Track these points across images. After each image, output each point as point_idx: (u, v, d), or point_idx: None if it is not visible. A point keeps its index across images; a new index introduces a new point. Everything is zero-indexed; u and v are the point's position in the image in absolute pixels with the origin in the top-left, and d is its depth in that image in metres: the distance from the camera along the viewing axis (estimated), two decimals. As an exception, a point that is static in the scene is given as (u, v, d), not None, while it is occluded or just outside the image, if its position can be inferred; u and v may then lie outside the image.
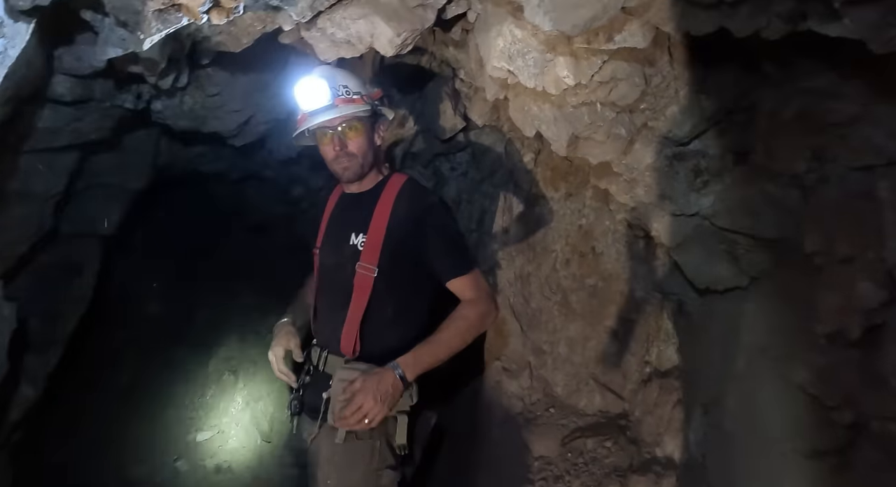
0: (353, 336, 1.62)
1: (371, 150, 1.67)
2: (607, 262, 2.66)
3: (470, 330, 1.61)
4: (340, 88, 1.59)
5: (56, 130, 1.81)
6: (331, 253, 1.72)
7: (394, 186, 1.67)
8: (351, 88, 1.60)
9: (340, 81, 1.60)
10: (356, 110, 1.59)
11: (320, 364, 1.68)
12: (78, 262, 2.66)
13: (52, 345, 2.58)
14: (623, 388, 2.59)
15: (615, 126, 1.43)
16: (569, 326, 2.79)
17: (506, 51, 1.34)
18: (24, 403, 2.43)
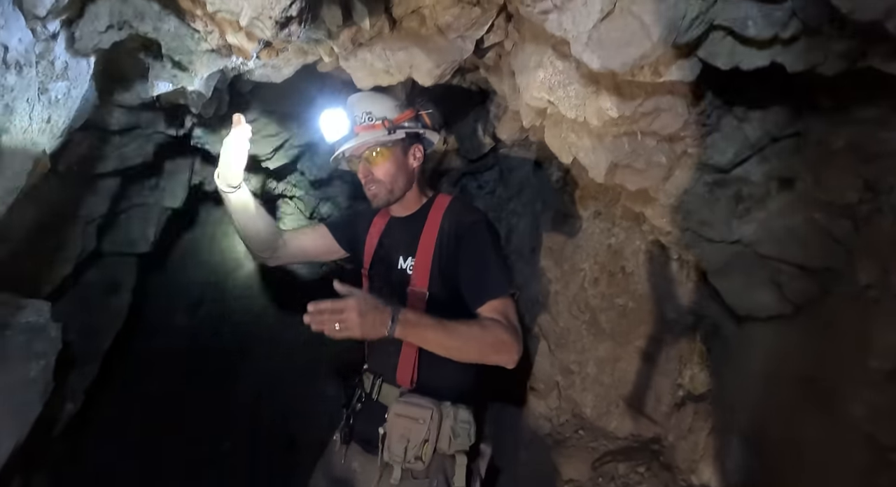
0: (410, 365, 1.56)
1: (402, 174, 1.63)
2: (637, 282, 2.63)
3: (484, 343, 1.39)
4: (363, 116, 1.58)
5: (103, 157, 1.87)
6: (381, 277, 1.70)
7: (440, 207, 1.64)
8: (375, 114, 1.58)
9: (364, 108, 1.59)
10: (375, 137, 1.56)
11: (374, 392, 1.63)
12: (115, 280, 2.72)
13: (90, 361, 2.64)
14: (655, 412, 2.55)
15: (655, 154, 1.43)
16: (598, 346, 2.76)
17: (546, 82, 1.34)
18: (65, 418, 2.49)
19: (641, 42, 0.98)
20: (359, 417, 1.66)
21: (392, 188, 1.63)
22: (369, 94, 1.64)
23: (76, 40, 1.02)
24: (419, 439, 1.47)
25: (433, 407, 1.49)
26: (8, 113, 0.90)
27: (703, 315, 2.37)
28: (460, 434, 1.51)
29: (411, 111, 1.64)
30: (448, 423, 1.51)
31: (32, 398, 1.61)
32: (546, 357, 2.98)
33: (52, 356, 1.67)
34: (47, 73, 0.97)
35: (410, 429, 1.47)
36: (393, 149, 1.60)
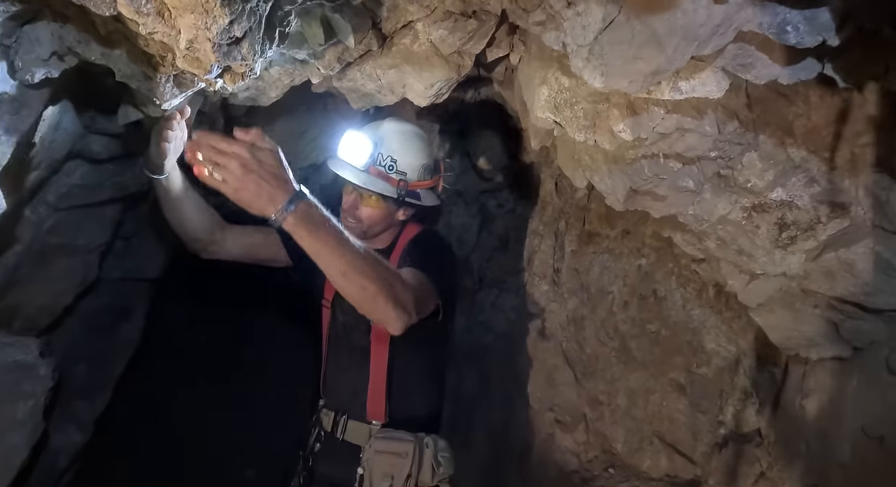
0: (381, 399, 1.53)
1: (383, 224, 1.59)
2: (671, 308, 2.41)
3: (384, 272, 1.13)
4: (386, 159, 1.49)
5: (98, 185, 1.83)
6: (345, 309, 1.61)
7: (407, 235, 1.62)
8: (399, 165, 1.48)
9: (393, 150, 1.48)
10: (380, 191, 1.49)
11: (338, 431, 1.57)
12: (126, 307, 2.69)
13: (101, 390, 2.61)
14: (694, 451, 2.31)
15: (681, 178, 1.24)
16: (629, 376, 2.55)
17: (551, 101, 1.18)
18: (72, 448, 2.45)
19: (653, 55, 0.81)
20: (319, 459, 1.59)
21: (367, 231, 1.57)
22: (405, 135, 1.52)
23: (17, 70, 0.94)
24: (403, 474, 1.43)
25: (413, 440, 1.48)
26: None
27: (747, 347, 2.13)
28: (443, 463, 1.51)
29: (433, 180, 1.59)
30: (429, 454, 1.49)
31: (19, 442, 1.55)
32: (572, 386, 2.79)
33: (41, 396, 1.62)
34: (-20, 109, 0.90)
35: (394, 465, 1.43)
36: (389, 203, 1.54)
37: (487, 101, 2.52)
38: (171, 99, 1.07)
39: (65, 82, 1.14)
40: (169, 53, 0.95)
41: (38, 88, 1.02)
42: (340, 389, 1.62)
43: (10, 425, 1.53)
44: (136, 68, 1.00)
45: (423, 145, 1.56)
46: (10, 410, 1.55)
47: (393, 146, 1.49)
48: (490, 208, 3.10)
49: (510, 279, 3.18)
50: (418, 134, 1.58)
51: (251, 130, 0.98)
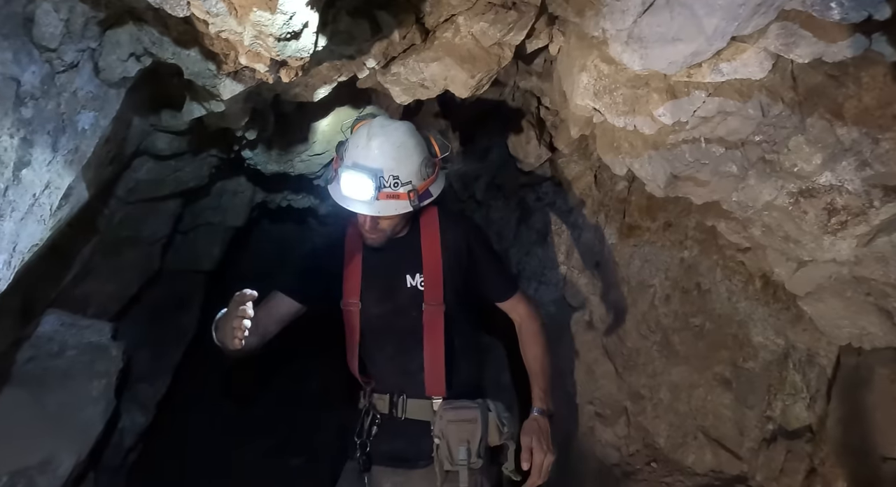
0: (440, 375, 1.60)
1: (403, 222, 1.59)
2: (716, 301, 2.36)
3: (547, 345, 1.74)
4: (389, 179, 1.42)
5: (160, 181, 1.96)
6: (381, 300, 1.65)
7: (430, 220, 1.64)
8: (402, 179, 1.43)
9: (391, 169, 1.42)
10: (397, 211, 1.47)
11: (397, 412, 1.64)
12: (184, 297, 2.86)
13: (161, 375, 2.78)
14: (740, 447, 2.26)
15: (724, 163, 1.23)
16: (671, 370, 2.51)
17: (590, 87, 1.20)
18: (137, 429, 2.63)
19: (692, 36, 0.82)
20: (377, 440, 1.66)
21: (392, 234, 1.60)
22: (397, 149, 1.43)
23: (101, 70, 1.04)
24: (477, 438, 1.53)
25: (477, 406, 1.58)
26: (27, 146, 0.92)
27: (796, 340, 2.07)
28: (507, 423, 1.60)
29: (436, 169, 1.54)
30: (493, 417, 1.59)
31: (95, 416, 1.69)
32: (612, 380, 2.76)
33: (113, 375, 1.75)
34: (71, 104, 1.00)
35: (468, 431, 1.53)
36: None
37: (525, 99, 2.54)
38: (231, 94, 1.16)
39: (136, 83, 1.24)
40: (232, 51, 1.03)
41: (116, 88, 1.13)
42: (392, 374, 1.67)
43: (87, 401, 1.67)
44: (203, 66, 1.08)
45: (414, 144, 1.47)
46: (87, 387, 1.69)
47: (391, 165, 1.43)
48: (529, 202, 3.11)
49: (549, 272, 3.18)
50: (405, 133, 1.47)
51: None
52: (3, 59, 0.84)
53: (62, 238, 1.46)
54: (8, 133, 0.88)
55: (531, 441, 1.51)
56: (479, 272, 1.67)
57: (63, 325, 1.67)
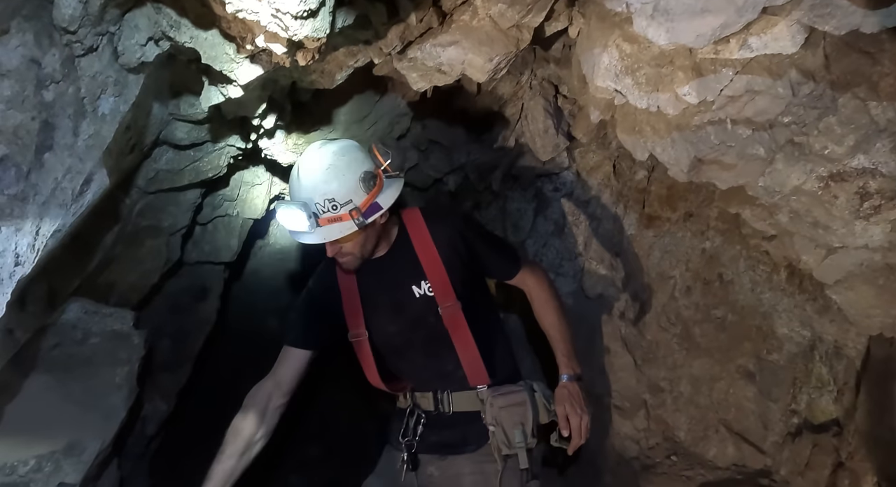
0: (479, 367, 1.61)
1: (371, 237, 1.52)
2: (739, 292, 2.32)
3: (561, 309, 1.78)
4: (326, 205, 1.37)
5: (179, 171, 1.97)
6: (393, 319, 1.62)
7: (416, 224, 1.60)
8: (339, 201, 1.37)
9: (326, 193, 1.36)
10: (342, 233, 1.40)
11: (444, 407, 1.64)
12: (203, 288, 2.89)
13: (182, 364, 2.82)
14: (763, 440, 2.22)
15: (751, 145, 1.19)
16: (692, 362, 2.48)
17: (612, 68, 1.17)
18: (159, 417, 2.67)
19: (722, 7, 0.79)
20: (425, 435, 1.65)
21: (363, 254, 1.53)
22: (329, 171, 1.37)
23: (119, 55, 1.05)
24: (530, 419, 1.55)
25: (523, 388, 1.60)
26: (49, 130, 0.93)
27: (823, 331, 2.02)
28: (551, 400, 1.62)
29: (380, 181, 1.43)
30: (539, 396, 1.62)
31: (118, 403, 1.72)
32: (631, 372, 2.73)
33: (135, 362, 1.78)
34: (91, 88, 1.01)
35: (520, 414, 1.55)
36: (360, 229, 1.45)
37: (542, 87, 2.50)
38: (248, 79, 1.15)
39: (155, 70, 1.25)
40: (249, 33, 1.02)
41: (136, 73, 1.13)
42: (429, 377, 1.66)
43: (110, 387, 1.70)
44: (220, 50, 1.08)
45: (345, 162, 1.41)
46: (110, 374, 1.72)
47: (321, 189, 1.37)
48: (546, 192, 3.07)
49: (567, 264, 3.15)
50: (334, 154, 1.41)
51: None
52: (25, 41, 0.84)
53: (85, 226, 1.48)
54: (30, 116, 0.89)
55: (565, 409, 1.56)
56: (480, 258, 1.67)
57: (87, 313, 1.70)
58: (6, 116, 0.84)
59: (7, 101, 0.84)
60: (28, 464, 1.45)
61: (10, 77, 0.83)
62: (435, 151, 2.76)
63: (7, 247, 0.89)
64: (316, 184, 1.38)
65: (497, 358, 1.68)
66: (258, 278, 3.54)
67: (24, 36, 0.84)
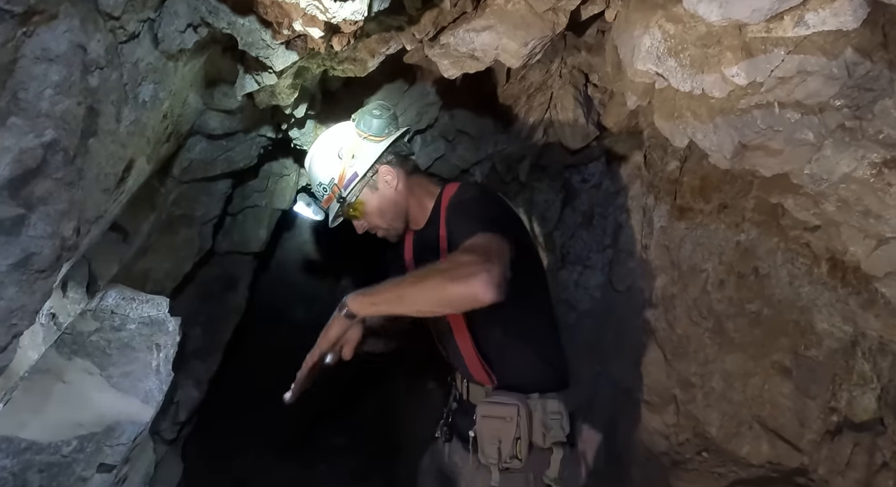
0: (478, 365, 1.54)
1: (390, 205, 1.50)
2: (775, 286, 2.25)
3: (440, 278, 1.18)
4: (319, 189, 1.48)
5: (212, 161, 2.00)
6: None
7: (446, 197, 1.52)
8: (325, 182, 1.46)
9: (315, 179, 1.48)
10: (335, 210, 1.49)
11: (465, 392, 1.62)
12: (233, 277, 2.93)
13: (213, 352, 2.87)
14: (800, 438, 2.16)
15: (799, 130, 1.14)
16: (724, 358, 2.42)
17: (653, 51, 1.13)
18: (191, 403, 2.73)
19: (779, -19, 0.75)
20: (456, 415, 1.65)
21: (389, 225, 1.53)
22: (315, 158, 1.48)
23: (160, 41, 1.05)
24: (510, 437, 1.40)
25: (518, 403, 1.42)
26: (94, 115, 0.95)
27: (867, 327, 1.95)
28: (552, 426, 1.44)
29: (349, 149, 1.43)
30: (538, 416, 1.44)
31: (154, 387, 1.76)
32: (661, 367, 2.68)
33: (171, 348, 1.82)
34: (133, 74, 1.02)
35: (500, 429, 1.41)
36: (361, 195, 1.47)
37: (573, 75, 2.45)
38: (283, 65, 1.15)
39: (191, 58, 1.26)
40: (286, 18, 1.02)
41: (174, 61, 1.15)
42: (451, 355, 1.65)
43: (147, 371, 1.74)
44: (257, 36, 1.08)
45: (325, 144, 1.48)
46: (147, 359, 1.76)
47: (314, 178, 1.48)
48: (574, 183, 3.03)
49: (594, 256, 3.10)
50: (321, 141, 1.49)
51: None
52: (72, 26, 0.85)
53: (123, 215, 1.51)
54: (76, 101, 0.90)
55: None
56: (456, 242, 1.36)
57: (124, 299, 1.74)
58: (54, 101, 0.85)
59: (56, 86, 0.85)
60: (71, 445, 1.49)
61: (58, 62, 0.85)
62: (462, 142, 2.74)
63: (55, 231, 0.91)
64: (311, 174, 1.51)
65: (507, 362, 1.52)
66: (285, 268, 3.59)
67: (72, 21, 0.85)
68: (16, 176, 0.81)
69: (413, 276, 1.25)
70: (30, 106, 0.82)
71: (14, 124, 0.80)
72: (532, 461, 1.43)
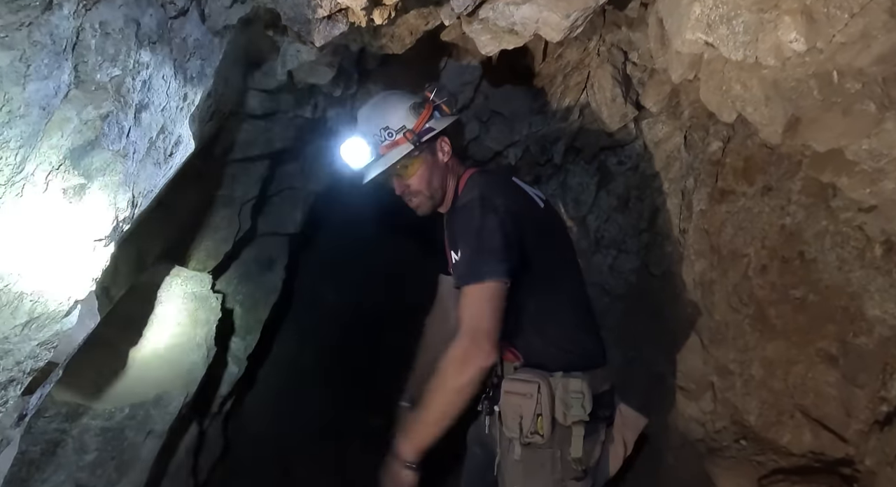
0: (505, 344, 1.55)
1: (437, 175, 1.56)
2: (823, 271, 2.17)
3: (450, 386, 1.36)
4: (382, 134, 1.48)
5: (251, 141, 2.04)
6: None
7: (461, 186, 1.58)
8: (392, 127, 1.47)
9: (379, 123, 1.48)
10: (401, 155, 1.48)
11: (499, 368, 1.64)
12: (270, 258, 3.00)
13: (251, 330, 2.96)
14: (846, 428, 2.09)
15: (860, 101, 1.08)
16: (765, 345, 2.35)
17: (704, 18, 1.09)
18: (231, 379, 2.82)
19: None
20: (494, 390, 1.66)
21: (431, 194, 1.57)
22: (378, 105, 1.52)
23: (206, 17, 1.07)
24: (531, 413, 1.45)
25: (539, 381, 1.47)
26: (146, 89, 0.98)
27: (922, 313, 1.86)
28: (573, 405, 1.48)
29: (429, 107, 1.51)
30: (559, 395, 1.49)
31: (198, 360, 1.83)
32: (698, 353, 2.63)
33: (213, 323, 1.89)
34: (181, 50, 1.05)
35: (520, 405, 1.47)
36: (421, 155, 1.52)
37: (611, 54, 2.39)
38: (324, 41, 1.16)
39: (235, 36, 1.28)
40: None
41: (220, 37, 1.17)
42: None
43: (192, 346, 1.81)
44: (299, 10, 1.09)
45: (395, 96, 1.53)
46: (191, 333, 1.83)
47: (375, 121, 1.49)
48: (610, 165, 2.97)
49: (630, 240, 3.05)
50: (383, 93, 1.56)
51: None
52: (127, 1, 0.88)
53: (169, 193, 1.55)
54: (131, 75, 0.93)
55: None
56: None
57: (170, 276, 1.81)
58: (111, 74, 0.88)
59: (111, 60, 0.88)
60: (124, 412, 1.57)
61: (114, 36, 0.87)
62: (496, 123, 2.72)
63: (111, 202, 0.95)
64: (370, 117, 1.51)
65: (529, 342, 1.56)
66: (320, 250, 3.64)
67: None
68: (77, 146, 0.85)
69: (427, 400, 1.39)
70: (88, 78, 0.85)
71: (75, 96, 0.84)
72: (556, 438, 1.48)
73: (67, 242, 0.91)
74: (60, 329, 0.93)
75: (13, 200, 0.82)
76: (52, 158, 0.84)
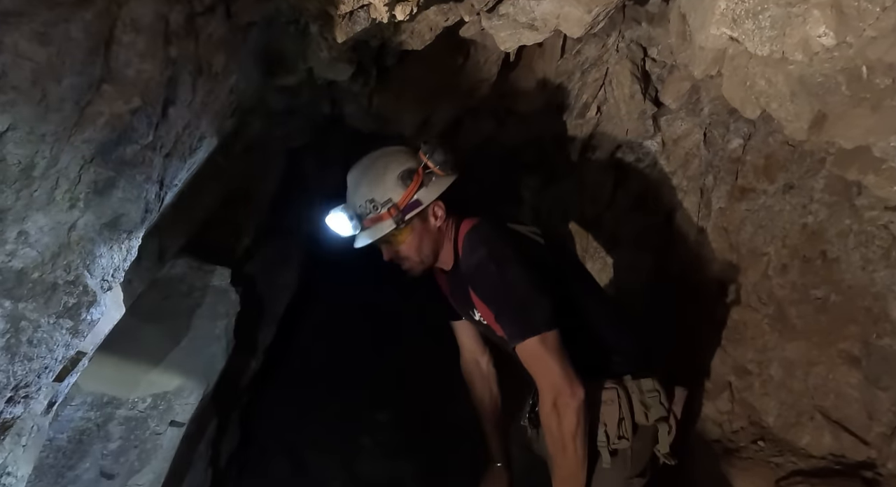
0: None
1: (428, 241, 1.51)
2: (846, 271, 2.14)
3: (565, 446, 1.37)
4: (367, 206, 1.43)
5: (271, 138, 2.06)
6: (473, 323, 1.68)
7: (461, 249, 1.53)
8: (378, 199, 1.42)
9: (365, 195, 1.43)
10: (384, 232, 1.44)
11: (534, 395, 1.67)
12: (286, 254, 3.04)
13: (269, 324, 3.00)
14: (868, 431, 2.06)
15: (889, 97, 1.07)
16: (785, 345, 2.33)
17: (729, 13, 1.08)
18: (249, 372, 2.86)
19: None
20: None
21: (422, 259, 1.54)
22: (367, 171, 1.47)
23: (232, 14, 1.09)
24: (615, 419, 1.46)
25: (616, 386, 1.48)
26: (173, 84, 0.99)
27: (949, 315, 1.83)
28: (652, 405, 1.50)
29: (418, 177, 1.43)
30: (636, 398, 1.50)
31: (218, 352, 1.86)
32: (715, 353, 2.61)
33: (232, 316, 1.91)
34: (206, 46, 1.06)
35: (604, 413, 1.46)
36: (411, 223, 1.46)
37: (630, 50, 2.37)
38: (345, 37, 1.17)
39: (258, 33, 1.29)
40: (351, -14, 1.03)
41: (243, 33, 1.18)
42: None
43: (211, 338, 1.84)
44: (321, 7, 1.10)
45: (384, 162, 1.47)
46: (211, 326, 1.86)
47: (361, 190, 1.45)
48: (627, 163, 2.94)
49: (646, 239, 3.02)
50: (374, 157, 1.50)
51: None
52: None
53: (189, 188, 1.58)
54: (159, 70, 0.95)
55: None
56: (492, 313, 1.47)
57: (190, 269, 1.84)
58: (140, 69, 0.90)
59: (141, 55, 0.90)
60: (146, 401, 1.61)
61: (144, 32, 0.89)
62: (512, 120, 2.71)
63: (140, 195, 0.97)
64: (357, 186, 1.47)
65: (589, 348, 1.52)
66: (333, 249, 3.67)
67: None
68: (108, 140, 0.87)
69: (557, 462, 1.40)
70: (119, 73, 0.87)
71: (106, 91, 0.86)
72: (639, 439, 1.49)
73: (97, 234, 0.93)
74: (90, 319, 0.95)
75: (47, 193, 0.84)
76: (84, 152, 0.86)
